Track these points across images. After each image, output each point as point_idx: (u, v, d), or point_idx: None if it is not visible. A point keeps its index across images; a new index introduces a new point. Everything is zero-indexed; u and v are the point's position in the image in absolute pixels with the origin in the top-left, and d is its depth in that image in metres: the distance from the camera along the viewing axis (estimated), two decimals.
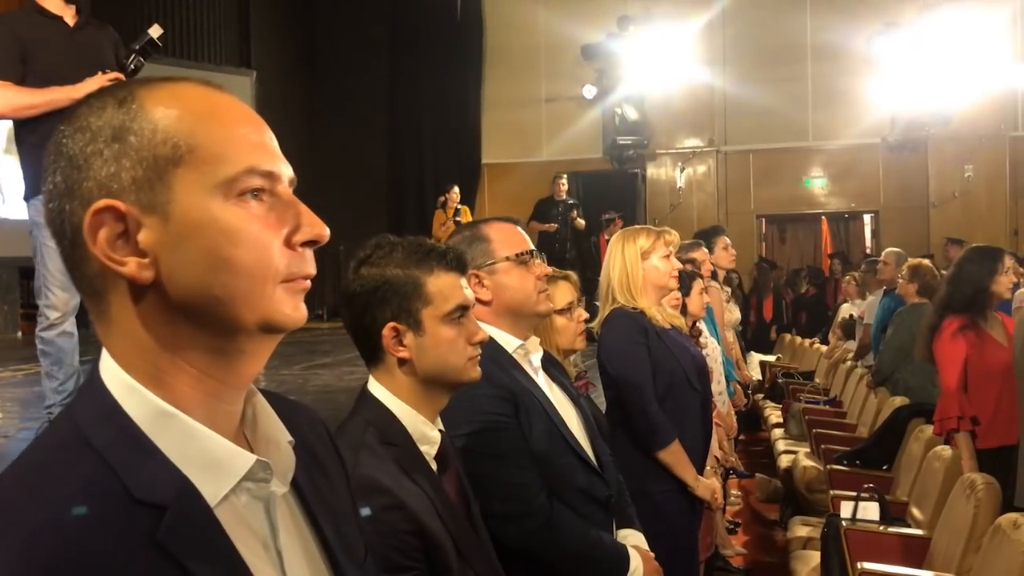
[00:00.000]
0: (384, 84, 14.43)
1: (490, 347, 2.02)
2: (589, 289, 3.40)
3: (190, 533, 0.75)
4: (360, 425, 1.57)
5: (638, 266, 3.24)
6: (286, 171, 0.86)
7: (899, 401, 5.57)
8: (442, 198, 10.95)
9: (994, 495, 3.41)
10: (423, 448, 1.59)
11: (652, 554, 2.21)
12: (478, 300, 2.08)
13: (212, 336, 0.81)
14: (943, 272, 5.51)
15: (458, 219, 10.31)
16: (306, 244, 0.85)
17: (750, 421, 8.79)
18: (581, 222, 11.18)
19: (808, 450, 6.34)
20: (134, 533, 0.72)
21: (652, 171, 13.78)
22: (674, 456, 3.14)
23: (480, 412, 1.99)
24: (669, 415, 3.16)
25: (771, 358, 11.02)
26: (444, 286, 1.61)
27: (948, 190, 12.94)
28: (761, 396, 9.34)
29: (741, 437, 7.66)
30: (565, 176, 11.69)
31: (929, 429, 4.52)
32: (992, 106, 12.65)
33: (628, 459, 2.97)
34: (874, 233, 13.88)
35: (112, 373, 0.80)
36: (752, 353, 10.30)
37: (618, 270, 3.26)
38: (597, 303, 3.38)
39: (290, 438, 0.90)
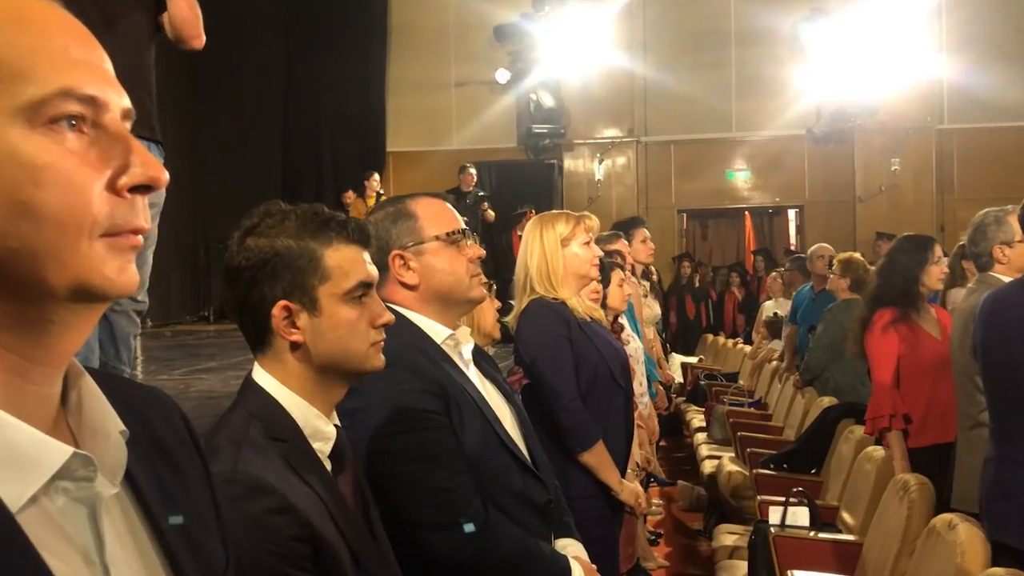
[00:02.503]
0: (279, 61, 14.18)
1: (417, 337, 2.04)
2: (504, 294, 3.38)
3: None
4: (243, 417, 1.49)
5: (558, 253, 3.24)
6: (117, 100, 0.75)
7: (827, 401, 5.66)
8: (348, 197, 10.81)
9: (928, 496, 3.46)
10: (316, 445, 1.52)
11: (594, 567, 2.20)
12: (403, 284, 2.07)
13: (10, 301, 0.70)
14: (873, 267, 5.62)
15: None
16: (136, 189, 0.74)
17: (671, 425, 8.89)
18: (491, 214, 11.17)
19: (733, 455, 6.41)
20: None
21: (569, 162, 13.90)
22: (597, 458, 3.14)
23: (406, 409, 1.93)
24: (592, 413, 3.17)
25: (693, 359, 11.26)
26: (344, 260, 1.54)
27: (875, 184, 13.36)
28: (683, 399, 9.49)
29: (662, 443, 7.74)
30: (473, 166, 11.67)
31: (859, 430, 4.58)
32: (918, 98, 13.12)
33: (550, 460, 2.92)
34: (799, 228, 14.26)
35: None
36: (673, 354, 10.45)
37: (536, 258, 3.25)
38: (512, 301, 3.38)
39: (122, 427, 0.80)
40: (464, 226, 2.14)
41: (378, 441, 1.88)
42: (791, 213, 14.43)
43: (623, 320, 4.49)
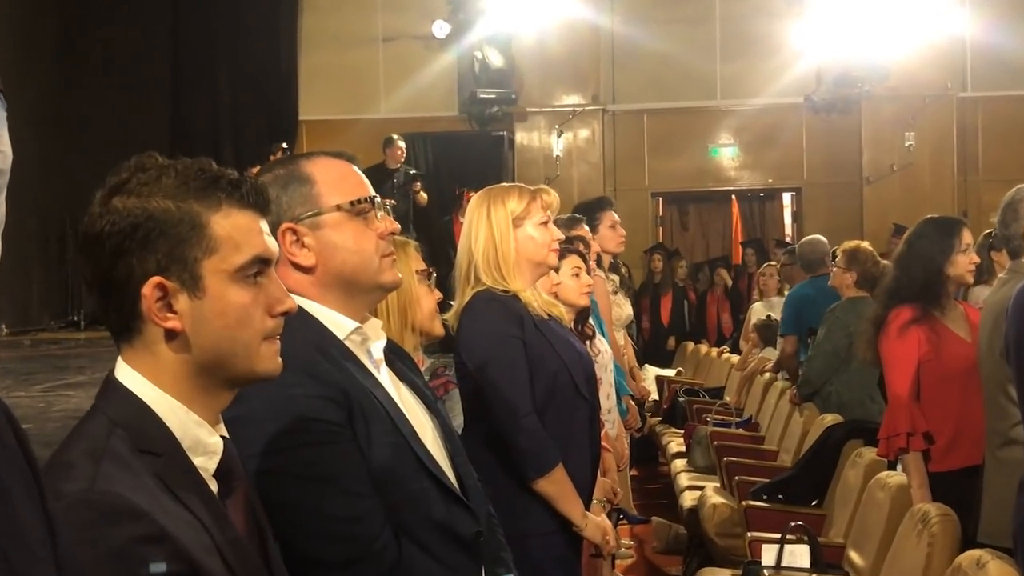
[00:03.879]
0: (166, 11, 14.01)
1: (313, 331, 2.01)
2: (445, 290, 3.40)
3: None
4: (103, 425, 1.45)
5: (509, 236, 3.24)
6: None
7: (830, 419, 5.70)
8: (253, 174, 10.69)
9: (951, 529, 3.48)
10: (197, 460, 1.49)
11: None
12: (296, 265, 2.05)
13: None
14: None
15: None
16: None
17: (644, 451, 8.92)
18: (423, 196, 11.16)
19: (718, 484, 6.43)
20: None
21: (522, 134, 13.92)
22: (557, 486, 3.15)
23: (299, 419, 1.91)
24: (550, 431, 3.17)
25: (669, 372, 11.29)
26: (236, 229, 1.51)
27: (885, 162, 13.52)
28: (658, 420, 9.55)
29: (633, 472, 7.75)
30: (401, 138, 11.62)
31: (869, 452, 4.62)
32: (937, 60, 13.28)
33: (494, 490, 2.87)
34: (795, 216, 14.41)
35: None
36: (647, 366, 10.48)
37: (483, 241, 3.25)
38: (452, 302, 3.38)
39: None
40: (373, 193, 2.12)
41: (264, 459, 1.85)
42: (786, 197, 14.57)
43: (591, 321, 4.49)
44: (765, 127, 13.79)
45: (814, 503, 5.25)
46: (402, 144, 11.56)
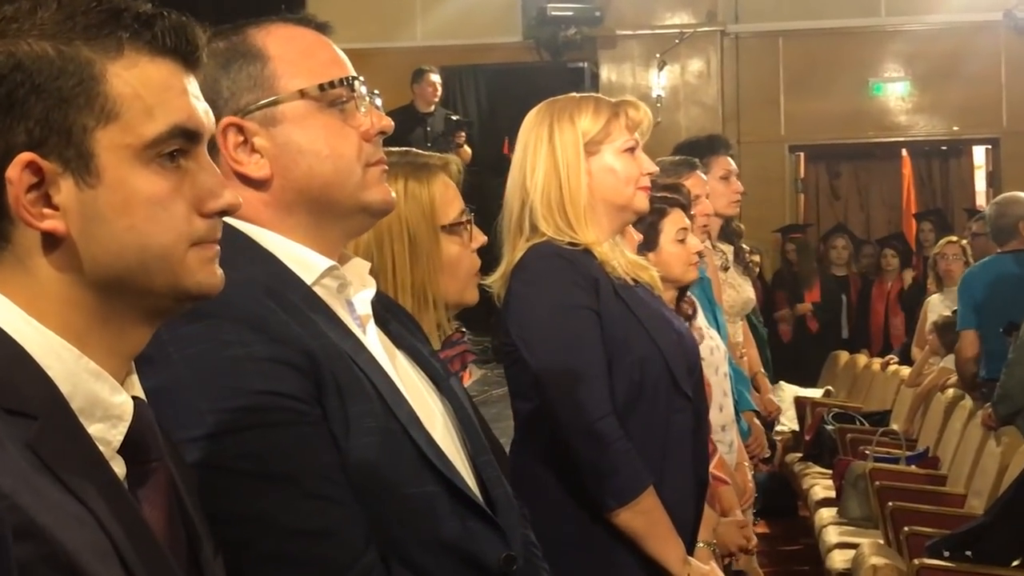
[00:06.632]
0: None
1: (266, 270, 2.02)
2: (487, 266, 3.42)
3: None
4: None
5: (579, 167, 3.26)
6: None
7: None
8: None
9: None
10: (92, 429, 1.43)
11: None
12: (243, 177, 2.04)
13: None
14: None
15: None
16: None
17: (776, 497, 8.88)
18: (467, 151, 11.16)
19: (881, 540, 6.49)
20: None
21: (609, 67, 13.95)
22: (647, 519, 3.16)
23: (242, 391, 1.87)
24: (638, 442, 3.18)
25: (814, 392, 11.23)
26: (146, 85, 1.46)
27: None
28: (798, 456, 9.66)
29: (760, 528, 7.67)
30: (436, 71, 11.60)
31: None
32: None
33: (554, 521, 3.00)
34: (990, 176, 14.29)
35: None
36: (782, 383, 10.44)
37: (542, 175, 3.28)
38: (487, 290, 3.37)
39: None
40: (353, 72, 2.09)
41: (192, 448, 1.80)
42: (978, 151, 14.51)
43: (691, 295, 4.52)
44: (948, 55, 13.60)
45: (1016, 563, 5.24)
46: (435, 78, 11.62)
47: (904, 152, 14.52)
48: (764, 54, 14.00)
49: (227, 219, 1.89)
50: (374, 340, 2.10)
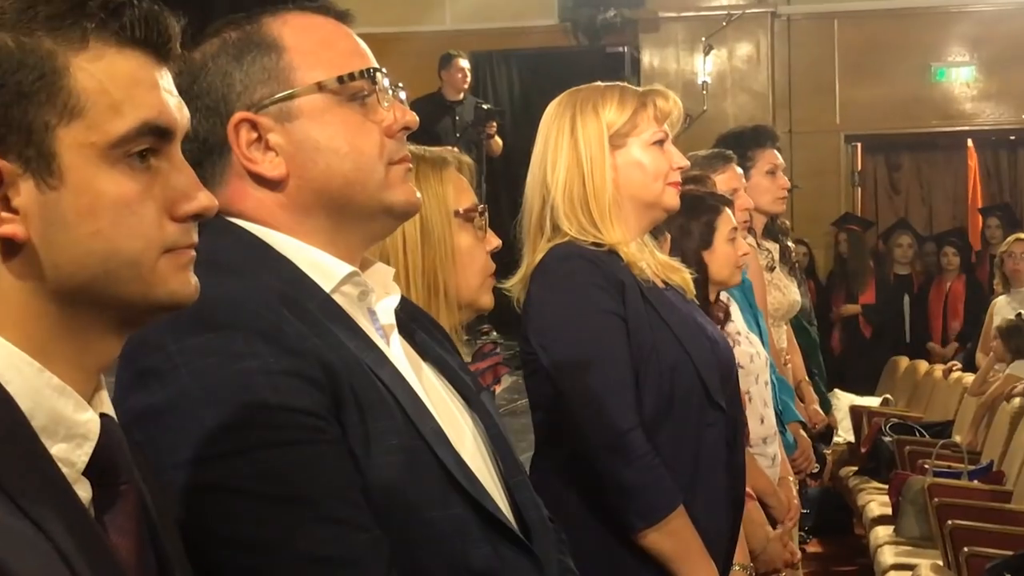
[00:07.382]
0: None
1: (281, 276, 2.04)
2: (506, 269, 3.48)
3: None
4: None
5: (604, 161, 3.31)
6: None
7: None
8: None
9: None
10: (55, 449, 1.44)
11: None
12: (257, 177, 2.06)
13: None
14: None
15: None
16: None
17: (828, 514, 8.89)
18: (498, 142, 11.15)
19: (939, 561, 6.64)
20: None
21: (651, 51, 14.26)
22: (676, 540, 3.21)
23: (254, 406, 1.87)
24: (667, 457, 3.23)
25: (872, 401, 11.38)
26: (113, 79, 1.47)
27: None
28: (852, 469, 9.75)
29: (811, 545, 7.68)
30: (464, 56, 11.63)
31: None
32: None
33: (575, 542, 2.91)
34: None
35: None
36: (837, 391, 10.44)
37: (564, 170, 3.32)
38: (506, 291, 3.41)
39: None
40: (375, 64, 2.09)
41: (199, 467, 1.82)
42: None
43: (726, 298, 4.59)
44: (1017, 37, 13.69)
45: None
46: (465, 64, 11.66)
47: (969, 142, 14.56)
48: (818, 37, 14.14)
49: (240, 222, 2.02)
50: (398, 351, 2.11)
